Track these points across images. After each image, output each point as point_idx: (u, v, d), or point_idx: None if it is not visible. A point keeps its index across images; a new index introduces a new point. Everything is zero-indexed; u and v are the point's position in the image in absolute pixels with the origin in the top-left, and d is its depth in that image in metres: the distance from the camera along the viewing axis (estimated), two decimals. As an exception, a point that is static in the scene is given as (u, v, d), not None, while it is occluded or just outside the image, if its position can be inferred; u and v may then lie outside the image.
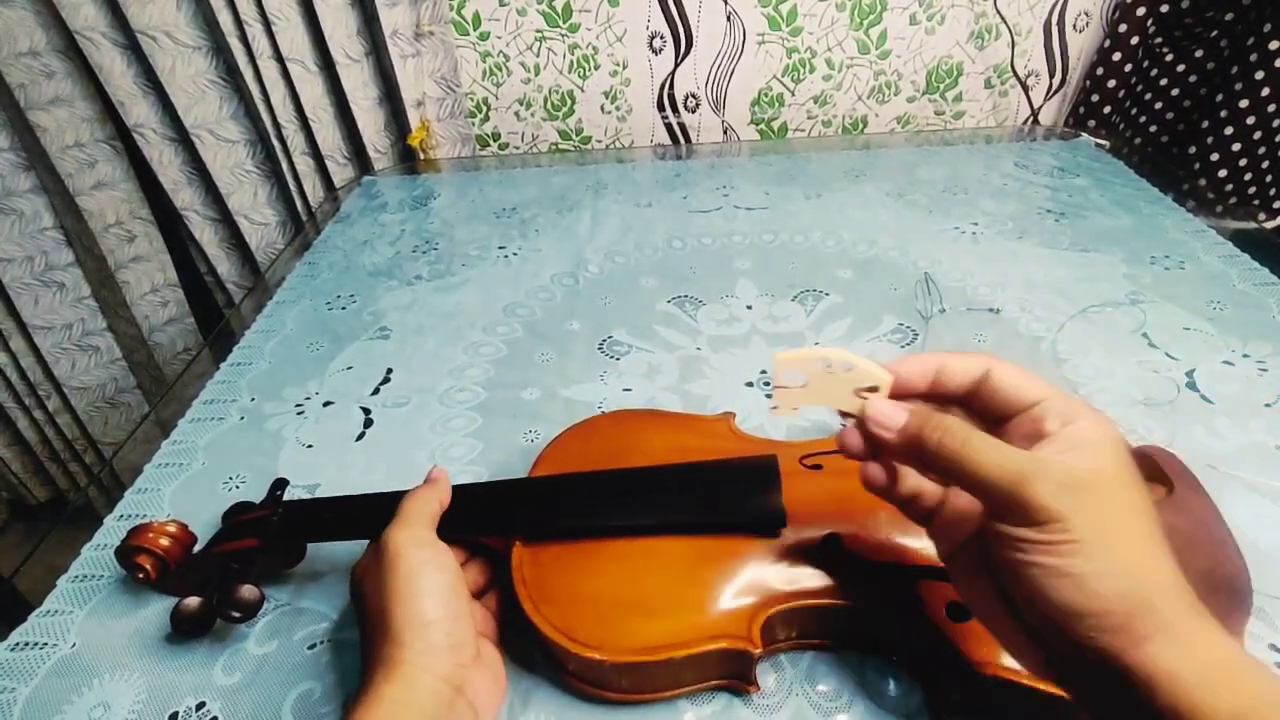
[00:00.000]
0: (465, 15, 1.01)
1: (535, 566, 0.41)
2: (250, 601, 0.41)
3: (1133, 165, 0.95)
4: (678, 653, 0.37)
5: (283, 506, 0.46)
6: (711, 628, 0.37)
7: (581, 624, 0.38)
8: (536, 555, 0.41)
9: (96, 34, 0.91)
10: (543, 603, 0.39)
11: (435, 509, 0.41)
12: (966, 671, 0.35)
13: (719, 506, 0.42)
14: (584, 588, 0.40)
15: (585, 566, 0.41)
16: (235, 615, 0.40)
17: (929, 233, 0.83)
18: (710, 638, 0.37)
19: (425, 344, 0.69)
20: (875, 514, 0.42)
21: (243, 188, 1.07)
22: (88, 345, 1.19)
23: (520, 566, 0.41)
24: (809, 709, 0.40)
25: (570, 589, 0.40)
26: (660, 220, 0.89)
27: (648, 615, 0.38)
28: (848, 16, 1.03)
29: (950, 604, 0.38)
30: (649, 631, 0.38)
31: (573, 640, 0.37)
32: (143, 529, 0.44)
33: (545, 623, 0.38)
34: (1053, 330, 0.66)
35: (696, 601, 0.39)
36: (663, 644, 0.37)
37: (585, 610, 0.39)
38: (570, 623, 0.38)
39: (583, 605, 0.39)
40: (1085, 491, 0.27)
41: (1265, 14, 0.87)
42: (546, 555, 0.41)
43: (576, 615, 0.38)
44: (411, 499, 0.41)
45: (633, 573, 0.40)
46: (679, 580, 0.40)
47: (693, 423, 0.51)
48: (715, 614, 0.38)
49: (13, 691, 0.42)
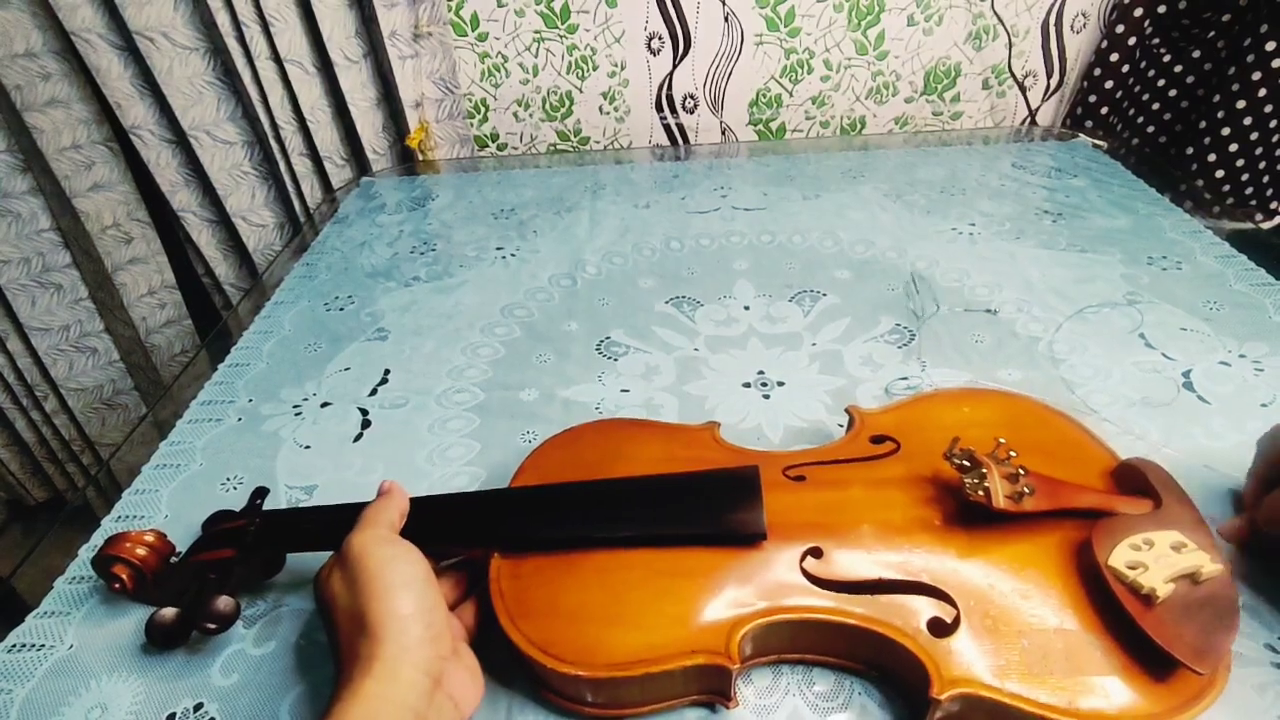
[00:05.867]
0: (463, 16, 1.01)
1: (513, 579, 0.40)
2: (225, 613, 0.40)
3: (1130, 166, 0.95)
4: (654, 668, 0.36)
5: (260, 516, 0.46)
6: (689, 642, 0.37)
7: (558, 639, 0.38)
8: (515, 568, 0.41)
9: (93, 35, 0.91)
10: (519, 617, 0.39)
11: (395, 516, 0.41)
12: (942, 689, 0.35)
13: (699, 519, 0.42)
14: (562, 602, 0.39)
15: (563, 580, 0.40)
16: (210, 627, 0.40)
17: (926, 233, 0.83)
18: (688, 653, 0.37)
19: (423, 345, 0.69)
20: (858, 526, 0.42)
21: (240, 189, 1.07)
22: (85, 346, 1.19)
23: (498, 579, 0.40)
24: (806, 710, 0.40)
25: (547, 603, 0.39)
26: (658, 221, 0.89)
27: (625, 630, 0.38)
28: (845, 17, 1.03)
29: (931, 619, 0.38)
30: (626, 646, 0.37)
31: (548, 655, 0.37)
32: (120, 538, 0.44)
33: (522, 637, 0.38)
34: (1050, 331, 0.66)
35: (675, 616, 0.38)
36: (639, 659, 0.37)
37: (562, 625, 0.38)
38: (547, 637, 0.38)
39: (560, 620, 0.39)
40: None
41: (1262, 15, 0.87)
42: (524, 568, 0.41)
43: (553, 630, 0.38)
44: (369, 508, 0.41)
45: (611, 586, 0.40)
46: (657, 594, 0.39)
47: (677, 432, 0.51)
48: (693, 628, 0.38)
49: (10, 693, 0.42)
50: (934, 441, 0.44)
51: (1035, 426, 0.48)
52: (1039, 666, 0.36)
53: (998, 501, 0.40)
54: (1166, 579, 0.36)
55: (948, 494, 0.43)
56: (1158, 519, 0.40)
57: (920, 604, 0.38)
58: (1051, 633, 0.37)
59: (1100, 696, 0.35)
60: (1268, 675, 0.40)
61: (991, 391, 0.53)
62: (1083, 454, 0.46)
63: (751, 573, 0.40)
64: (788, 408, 0.60)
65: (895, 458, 0.46)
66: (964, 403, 0.51)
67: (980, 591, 0.39)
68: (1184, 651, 0.34)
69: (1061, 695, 0.35)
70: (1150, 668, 0.35)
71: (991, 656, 0.36)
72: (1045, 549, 0.40)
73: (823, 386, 0.62)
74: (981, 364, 0.63)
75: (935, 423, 0.48)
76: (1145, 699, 0.34)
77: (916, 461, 0.46)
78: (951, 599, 0.38)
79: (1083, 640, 0.37)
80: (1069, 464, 0.44)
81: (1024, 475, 0.41)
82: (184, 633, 0.41)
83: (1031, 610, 0.38)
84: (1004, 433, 0.43)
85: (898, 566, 0.40)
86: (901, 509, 0.43)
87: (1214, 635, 0.35)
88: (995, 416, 0.49)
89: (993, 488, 0.40)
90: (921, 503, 0.43)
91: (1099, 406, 0.57)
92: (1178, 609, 0.36)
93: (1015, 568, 0.40)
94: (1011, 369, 0.62)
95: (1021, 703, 0.34)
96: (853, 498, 0.44)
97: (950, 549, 0.40)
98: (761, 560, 0.40)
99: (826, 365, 0.64)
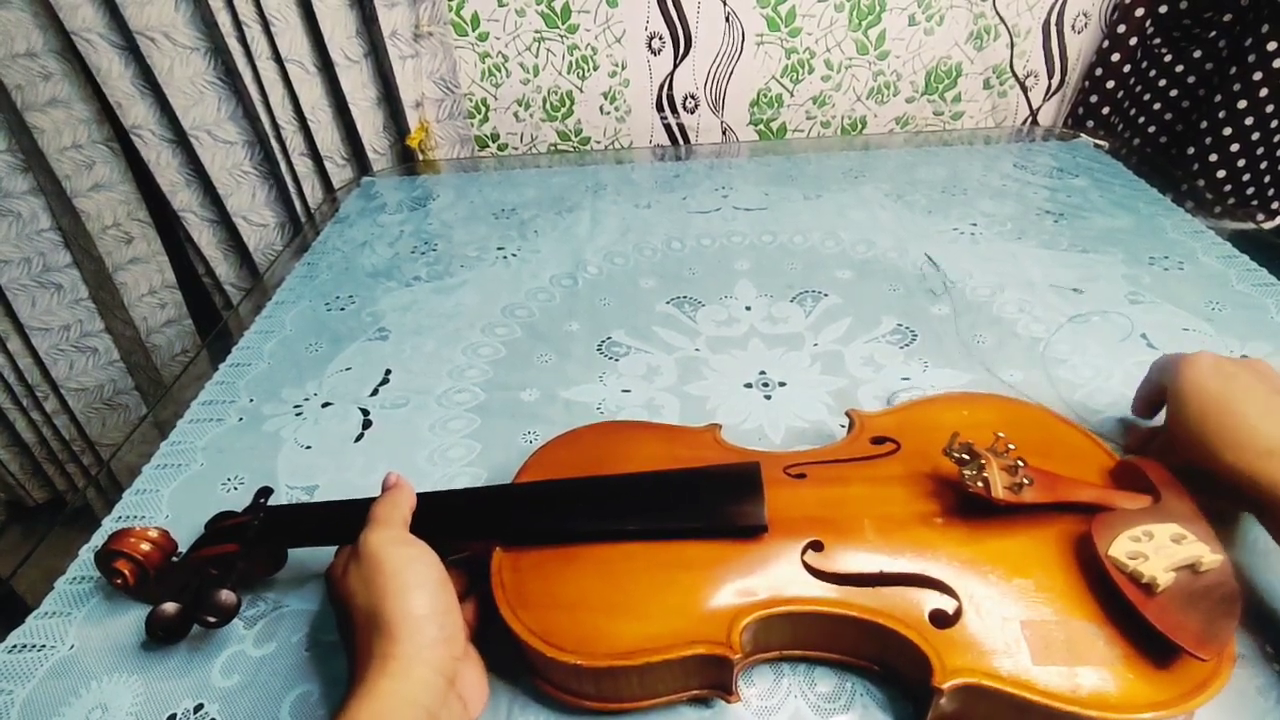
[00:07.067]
0: (464, 16, 1.01)
1: (514, 572, 0.41)
2: (227, 606, 0.40)
3: (1131, 166, 0.95)
4: (655, 657, 0.36)
5: (264, 512, 0.46)
6: (690, 633, 0.37)
7: (559, 628, 0.38)
8: (516, 560, 0.41)
9: (94, 35, 0.91)
10: (520, 607, 0.39)
11: (405, 512, 0.42)
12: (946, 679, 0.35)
13: (700, 512, 0.42)
14: (563, 593, 0.40)
15: (565, 571, 0.41)
16: (211, 620, 0.40)
17: (928, 233, 0.83)
18: (689, 642, 0.37)
19: (424, 345, 0.69)
20: (859, 521, 0.42)
21: (241, 189, 1.07)
22: (85, 346, 1.19)
23: (500, 571, 0.41)
24: (808, 710, 0.40)
25: (549, 594, 0.40)
26: (659, 221, 0.89)
27: (626, 620, 0.38)
28: (846, 17, 1.03)
29: (933, 611, 0.38)
30: (626, 636, 0.37)
31: (548, 644, 0.37)
32: (123, 534, 0.44)
33: (522, 627, 0.38)
34: (1051, 331, 0.66)
35: (676, 606, 0.39)
36: (640, 648, 0.37)
37: (562, 615, 0.39)
38: (546, 627, 0.38)
39: (560, 610, 0.39)
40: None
41: (1263, 15, 0.87)
42: (526, 560, 0.41)
43: (554, 619, 0.38)
44: (380, 505, 0.42)
45: (612, 577, 0.40)
46: (658, 585, 0.40)
47: (678, 434, 0.51)
48: (694, 619, 0.38)
49: (10, 694, 0.42)
50: (934, 442, 0.44)
51: (1034, 428, 0.48)
52: (1041, 656, 0.36)
53: (997, 492, 0.40)
54: (1167, 569, 0.36)
55: (948, 489, 0.44)
56: (1157, 513, 0.40)
57: (922, 596, 0.38)
58: (1053, 623, 0.37)
59: (1103, 685, 0.35)
60: (1270, 676, 0.40)
61: (991, 395, 0.53)
62: (1082, 454, 0.46)
63: (753, 565, 0.40)
64: (789, 408, 0.60)
65: (895, 457, 0.46)
66: (963, 405, 0.51)
67: (981, 583, 0.39)
68: (1186, 638, 0.34)
69: (1064, 684, 0.35)
70: (1153, 656, 0.35)
71: (993, 646, 0.36)
72: (1045, 542, 0.40)
73: (824, 387, 0.61)
74: (982, 364, 0.63)
75: (935, 424, 0.48)
76: (1149, 687, 0.34)
77: (916, 460, 0.46)
78: (953, 590, 0.38)
79: (1084, 630, 0.37)
80: (1068, 463, 0.44)
81: (1023, 467, 0.41)
82: (184, 627, 0.42)
83: (1033, 601, 0.38)
84: (1003, 433, 0.43)
85: (899, 559, 0.40)
86: (902, 504, 0.43)
87: (1216, 623, 0.35)
88: (994, 418, 0.49)
89: (992, 478, 0.40)
90: (922, 498, 0.43)
91: (1100, 407, 0.57)
92: (1179, 597, 0.36)
93: (1016, 559, 0.40)
94: (1013, 369, 0.62)
95: (1025, 691, 0.34)
96: (853, 494, 0.44)
97: (951, 542, 0.41)
98: (763, 553, 0.40)
99: (828, 366, 0.64)
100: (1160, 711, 0.34)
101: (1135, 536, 0.38)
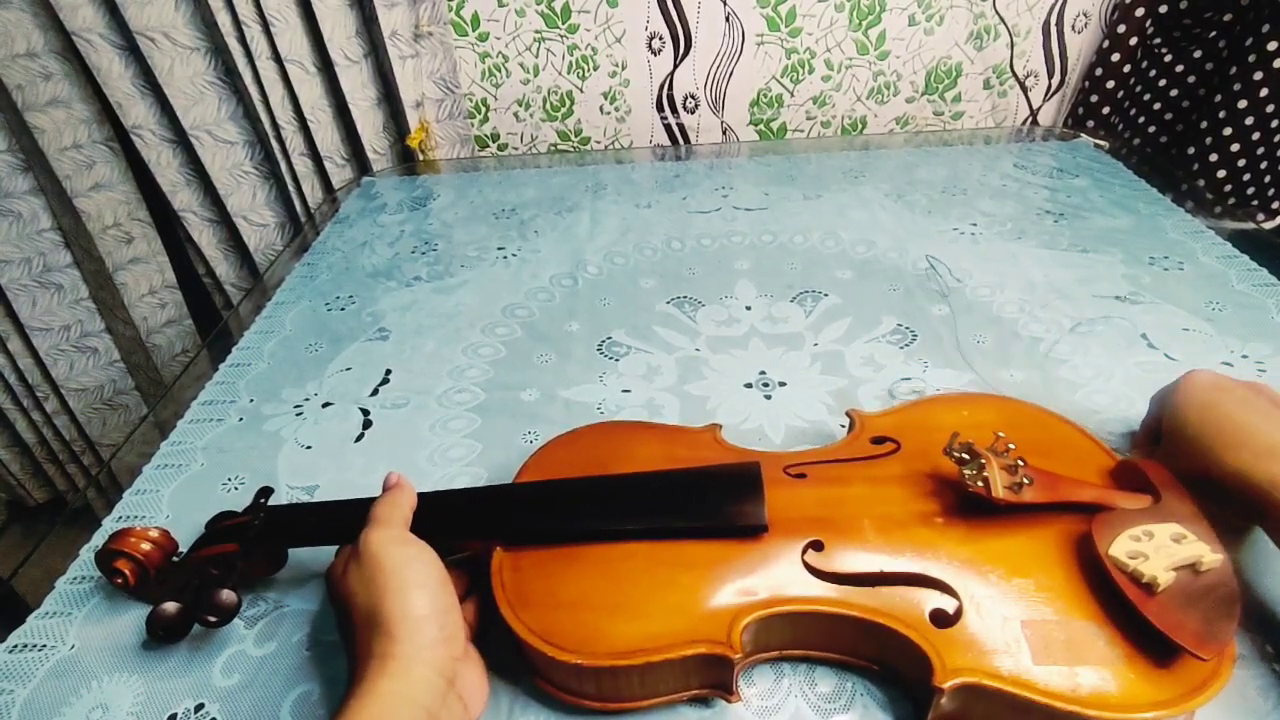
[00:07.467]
0: (464, 16, 1.01)
1: (515, 571, 0.41)
2: (227, 605, 0.40)
3: (1131, 166, 0.95)
4: (655, 657, 0.36)
5: (264, 512, 0.46)
6: (691, 632, 0.37)
7: (559, 628, 0.38)
8: (517, 560, 0.41)
9: (94, 35, 0.91)
10: (520, 607, 0.39)
11: (406, 512, 0.42)
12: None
13: (700, 511, 0.42)
14: (563, 592, 0.40)
15: (565, 571, 0.41)
16: (211, 619, 0.40)
17: (928, 233, 0.83)
18: (689, 642, 0.37)
19: (424, 345, 0.69)
20: (859, 521, 0.42)
21: (241, 189, 1.07)
22: (86, 347, 1.19)
23: (500, 571, 0.41)
24: (808, 710, 0.40)
25: (549, 593, 0.40)
26: (659, 221, 0.89)
27: (626, 619, 0.38)
28: (846, 17, 1.03)
29: (934, 610, 0.38)
30: (627, 635, 0.37)
31: (549, 644, 0.37)
32: (124, 533, 0.44)
33: (523, 627, 0.38)
34: (1052, 331, 0.66)
35: (676, 606, 0.39)
36: (640, 648, 0.37)
37: (563, 615, 0.39)
38: (547, 627, 0.38)
39: (561, 610, 0.39)
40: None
41: (1263, 15, 0.87)
42: (527, 560, 0.41)
43: (554, 620, 0.38)
44: (380, 505, 0.42)
45: (612, 577, 0.40)
46: (659, 585, 0.40)
47: (678, 434, 0.51)
48: (695, 618, 0.38)
49: (11, 694, 0.42)
50: (934, 442, 0.44)
51: (1034, 428, 0.48)
52: (1042, 656, 0.36)
53: (997, 491, 0.40)
54: (1167, 568, 0.36)
55: (948, 489, 0.44)
56: (1157, 513, 0.40)
57: (922, 595, 0.38)
58: (1053, 623, 0.37)
59: (1103, 684, 0.35)
60: (1270, 676, 0.40)
61: (991, 395, 0.53)
62: (1082, 454, 0.46)
63: (753, 564, 0.40)
64: (789, 408, 0.60)
65: (895, 457, 0.46)
66: (963, 406, 0.51)
67: (982, 583, 0.39)
68: (1187, 638, 0.34)
69: (1065, 683, 0.35)
70: (1153, 656, 0.35)
71: (994, 646, 0.36)
72: (1045, 541, 0.40)
73: (824, 387, 0.61)
74: (983, 364, 0.63)
75: (935, 424, 0.48)
76: (1149, 686, 0.34)
77: (916, 460, 0.46)
78: (953, 590, 0.38)
79: (1084, 629, 0.37)
80: (1068, 464, 0.44)
81: (1023, 466, 0.41)
82: (185, 626, 0.41)
83: (1033, 600, 0.38)
84: (1003, 432, 0.43)
85: (899, 559, 0.40)
86: (902, 504, 0.43)
87: (1216, 622, 0.35)
88: (994, 419, 0.49)
89: (992, 478, 0.40)
90: (922, 497, 0.43)
91: (1101, 407, 0.57)
92: (1179, 597, 0.36)
93: (1016, 559, 0.40)
94: (1013, 369, 0.62)
95: (1025, 690, 0.34)
96: (853, 494, 0.44)
97: (951, 541, 0.41)
98: (763, 553, 0.41)
99: (828, 365, 0.64)
100: (1160, 711, 0.34)
101: (1135, 536, 0.38)
